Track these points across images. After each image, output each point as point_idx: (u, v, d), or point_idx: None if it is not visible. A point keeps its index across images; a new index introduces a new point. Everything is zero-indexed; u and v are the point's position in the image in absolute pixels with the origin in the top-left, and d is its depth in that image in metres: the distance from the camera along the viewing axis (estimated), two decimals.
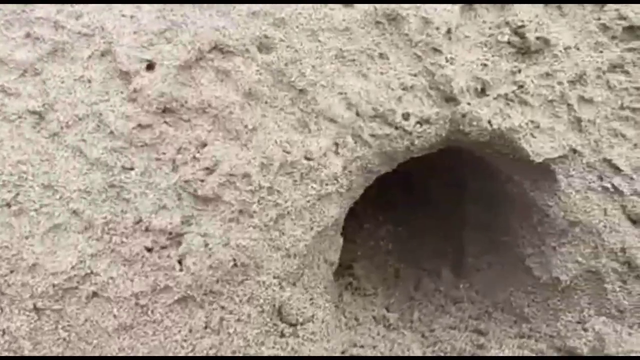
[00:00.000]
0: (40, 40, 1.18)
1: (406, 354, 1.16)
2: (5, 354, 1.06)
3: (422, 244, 1.58)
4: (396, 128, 1.21)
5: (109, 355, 1.06)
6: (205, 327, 1.08)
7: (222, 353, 1.06)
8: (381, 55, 1.26)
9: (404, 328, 1.27)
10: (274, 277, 1.15)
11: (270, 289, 1.14)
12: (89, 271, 1.08)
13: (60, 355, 1.06)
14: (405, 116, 1.22)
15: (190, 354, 1.06)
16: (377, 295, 1.39)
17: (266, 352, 1.08)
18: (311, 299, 1.18)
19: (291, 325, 1.15)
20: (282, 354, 1.09)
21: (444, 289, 1.41)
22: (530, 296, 1.27)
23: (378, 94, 1.23)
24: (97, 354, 1.07)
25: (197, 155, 1.17)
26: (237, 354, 1.06)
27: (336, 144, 1.21)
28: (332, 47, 1.25)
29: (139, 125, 1.15)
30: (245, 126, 1.20)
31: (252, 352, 1.07)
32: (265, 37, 1.23)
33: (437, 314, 1.32)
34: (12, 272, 1.07)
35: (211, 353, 1.05)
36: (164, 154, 1.17)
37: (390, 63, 1.26)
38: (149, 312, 1.09)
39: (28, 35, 1.19)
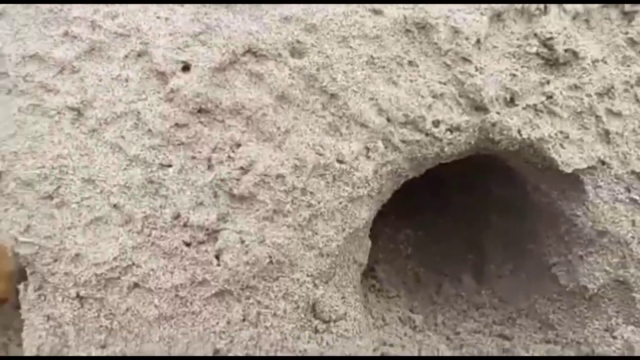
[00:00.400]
0: (78, 39, 1.21)
1: (435, 354, 1.18)
2: (51, 338, 1.09)
3: (443, 249, 1.60)
4: (426, 135, 1.24)
5: (150, 342, 1.09)
6: (243, 320, 1.11)
7: (260, 345, 1.09)
8: (411, 63, 1.29)
9: (429, 330, 1.30)
10: (308, 275, 1.17)
11: (305, 286, 1.17)
12: (130, 263, 1.11)
13: (102, 340, 1.09)
14: (436, 123, 1.24)
15: (229, 345, 1.08)
16: (400, 297, 1.42)
17: (302, 347, 1.11)
18: (343, 298, 1.20)
19: (324, 322, 1.17)
20: (317, 349, 1.12)
21: (466, 294, 1.43)
22: (556, 304, 1.29)
23: (408, 100, 1.26)
24: (138, 343, 1.09)
25: (232, 155, 1.20)
26: (274, 347, 1.09)
27: (367, 148, 1.24)
28: (362, 54, 1.28)
29: (176, 125, 1.18)
30: (278, 128, 1.23)
31: (289, 346, 1.10)
32: (297, 42, 1.26)
33: (460, 319, 1.34)
34: (55, 261, 1.10)
35: (250, 345, 1.08)
36: (199, 152, 1.20)
37: (419, 71, 1.29)
38: (188, 304, 1.11)
39: (66, 33, 1.21)
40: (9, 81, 1.20)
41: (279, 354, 1.07)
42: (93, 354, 1.10)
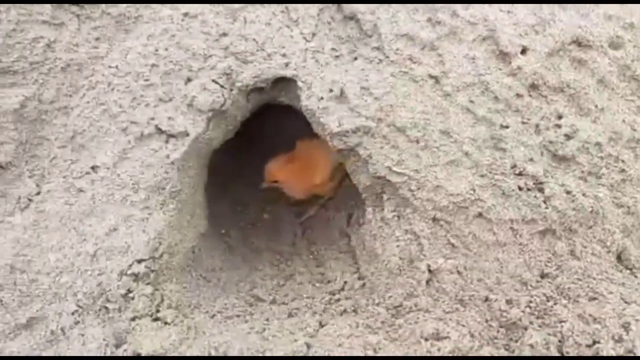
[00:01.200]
0: (440, 23, 1.56)
1: None
2: (411, 247, 1.42)
3: None
4: None
5: (486, 262, 1.39)
6: (570, 253, 1.37)
7: (588, 274, 1.34)
8: None
9: None
10: (616, 228, 1.41)
11: (614, 236, 1.40)
12: (477, 197, 1.42)
13: (447, 253, 1.41)
14: None
15: (556, 273, 1.35)
16: None
17: (614, 288, 1.32)
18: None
19: (628, 268, 1.40)
20: (622, 290, 1.32)
21: None
22: None
23: None
24: (475, 260, 1.40)
25: (558, 123, 1.47)
26: (599, 277, 1.34)
27: None
28: None
29: (516, 95, 1.48)
30: (596, 106, 1.48)
31: (611, 279, 1.33)
32: (616, 36, 1.51)
33: None
34: (419, 189, 1.46)
35: (579, 273, 1.34)
36: (528, 119, 1.49)
37: None
38: (518, 236, 1.41)
39: (429, 19, 1.58)
40: (381, 53, 1.59)
41: (603, 284, 1.31)
42: (439, 263, 1.43)
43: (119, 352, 1.23)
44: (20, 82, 1.47)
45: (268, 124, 2.38)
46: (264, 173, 1.99)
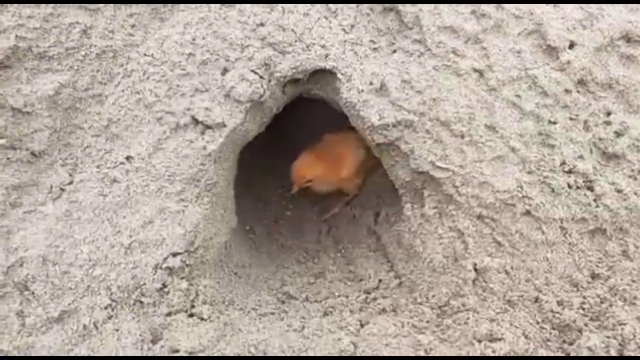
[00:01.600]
0: (485, 16, 1.52)
1: None
2: (455, 244, 1.37)
3: None
4: None
5: (534, 261, 1.34)
6: (622, 254, 1.32)
7: None
8: None
9: None
10: None
11: None
12: (524, 194, 1.38)
13: (492, 252, 1.36)
14: None
15: (607, 274, 1.30)
16: None
17: None
18: None
19: None
20: None
21: None
22: None
23: None
24: (522, 259, 1.35)
25: (607, 119, 1.43)
26: None
27: None
28: None
29: (565, 90, 1.44)
30: None
31: None
32: None
33: None
34: (463, 185, 1.41)
35: (634, 274, 1.29)
36: (577, 115, 1.44)
37: None
38: (567, 235, 1.36)
39: (473, 12, 1.54)
40: (422, 46, 1.55)
41: None
42: (485, 261, 1.38)
43: (156, 349, 1.18)
44: (55, 68, 1.43)
45: (289, 119, 2.34)
46: (291, 173, 1.94)
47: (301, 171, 1.93)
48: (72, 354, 1.19)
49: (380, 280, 1.56)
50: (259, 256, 1.83)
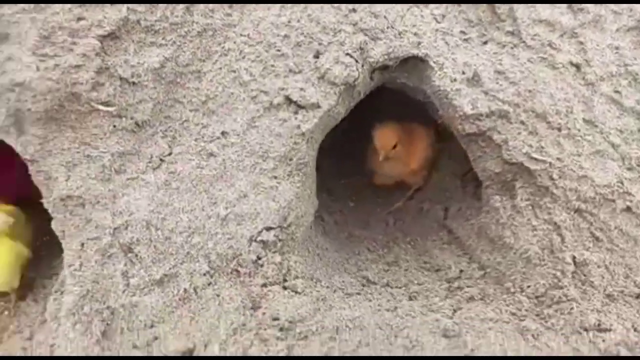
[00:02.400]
0: (583, 11, 1.52)
1: None
2: (550, 237, 1.35)
3: None
4: None
5: (633, 258, 1.32)
6: None
7: None
8: None
9: None
10: None
11: None
12: (625, 190, 1.36)
13: (590, 247, 1.35)
14: None
15: None
16: None
17: None
18: None
19: None
20: None
21: None
22: None
23: None
24: (621, 256, 1.33)
25: None
26: None
27: None
28: None
29: None
30: None
31: None
32: None
33: None
34: (560, 177, 1.40)
35: None
36: None
37: None
38: None
39: (570, 6, 1.53)
40: (516, 38, 1.54)
41: None
42: (584, 255, 1.35)
43: (258, 315, 1.19)
44: (160, 42, 1.47)
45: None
46: (377, 139, 1.86)
47: (388, 135, 1.87)
48: (173, 316, 1.21)
49: (461, 271, 1.55)
50: (331, 242, 1.84)
